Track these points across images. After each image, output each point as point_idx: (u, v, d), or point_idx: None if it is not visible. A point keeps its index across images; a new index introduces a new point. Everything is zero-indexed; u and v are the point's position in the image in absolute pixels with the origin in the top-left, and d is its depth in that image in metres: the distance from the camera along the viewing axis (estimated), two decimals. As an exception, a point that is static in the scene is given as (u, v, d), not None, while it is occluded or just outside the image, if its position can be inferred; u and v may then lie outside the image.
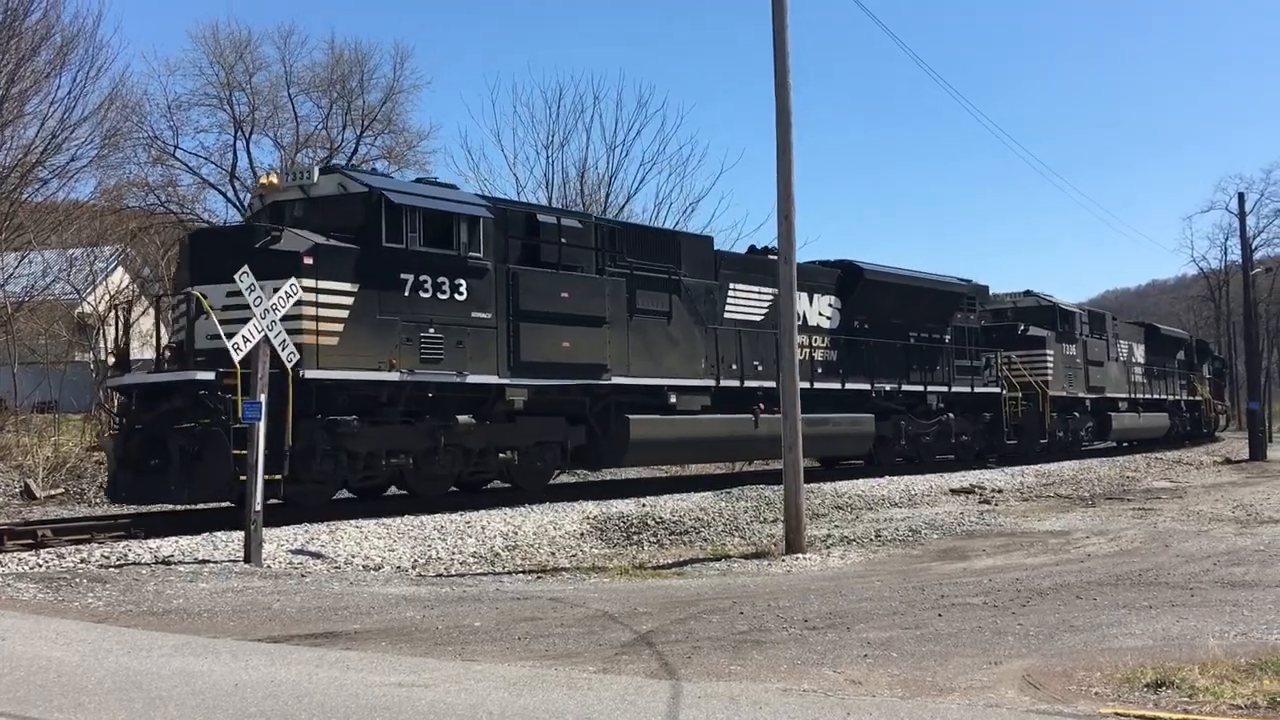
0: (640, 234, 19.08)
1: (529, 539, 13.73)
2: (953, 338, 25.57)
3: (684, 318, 18.51)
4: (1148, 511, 17.01)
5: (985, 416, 26.58)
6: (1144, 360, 38.13)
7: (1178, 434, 40.94)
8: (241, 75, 38.46)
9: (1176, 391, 41.35)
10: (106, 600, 8.93)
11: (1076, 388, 30.98)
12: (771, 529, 14.85)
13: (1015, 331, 29.24)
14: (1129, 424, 35.26)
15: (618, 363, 16.98)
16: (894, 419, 23.41)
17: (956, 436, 25.57)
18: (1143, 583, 9.67)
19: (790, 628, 7.74)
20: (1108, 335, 34.23)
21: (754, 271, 20.36)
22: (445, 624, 8.06)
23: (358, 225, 14.12)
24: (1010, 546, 13.15)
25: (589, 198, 34.87)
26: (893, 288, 23.70)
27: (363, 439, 13.94)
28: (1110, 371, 33.95)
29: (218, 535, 12.07)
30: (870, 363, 22.39)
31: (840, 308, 22.39)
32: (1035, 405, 28.14)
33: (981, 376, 26.41)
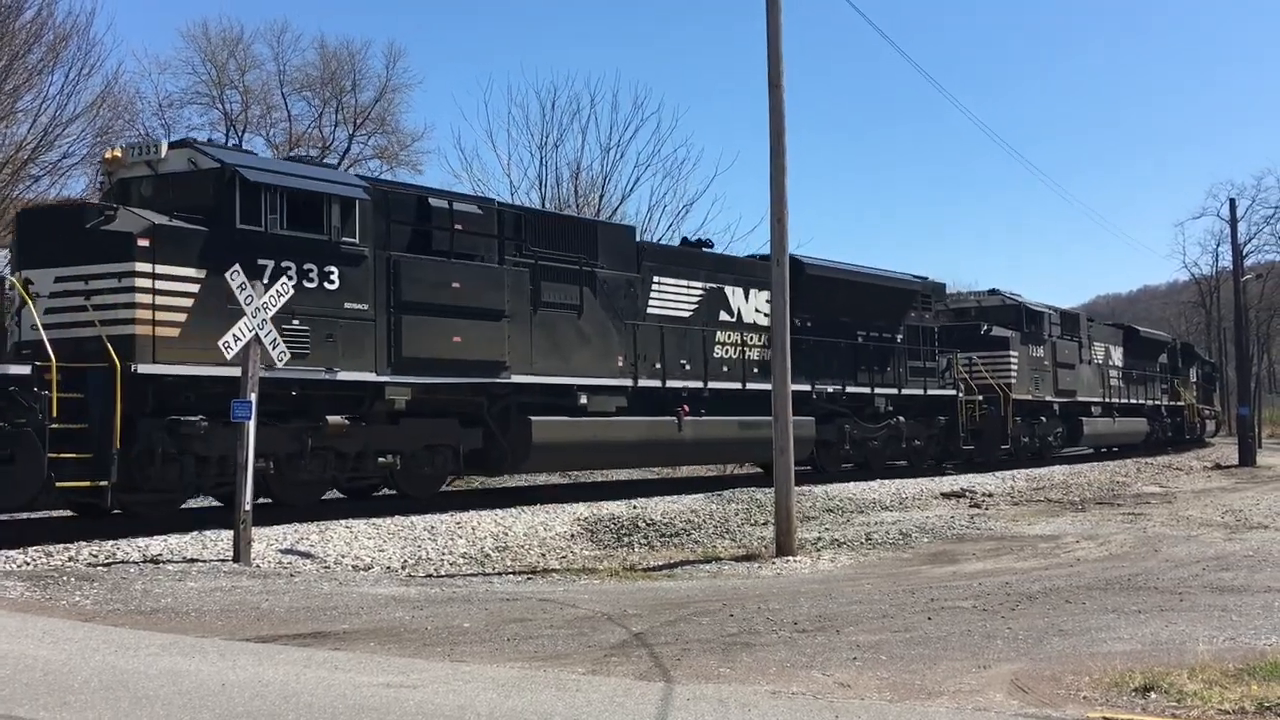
0: (549, 221, 17.74)
1: (519, 540, 13.72)
2: (905, 337, 24.36)
3: (598, 312, 17.25)
4: (1137, 516, 17.05)
5: (940, 421, 25.29)
6: (1122, 363, 36.99)
7: (1158, 440, 39.91)
8: (234, 73, 38.41)
9: (1157, 396, 40.25)
10: (94, 599, 8.89)
11: (1044, 391, 29.84)
12: (762, 531, 14.86)
13: (977, 332, 28.07)
14: (1102, 429, 34.28)
15: (519, 360, 15.69)
16: (838, 423, 22.23)
17: (908, 441, 24.29)
18: (1132, 587, 9.68)
19: (780, 630, 7.73)
20: (1081, 337, 33.12)
21: (682, 264, 19.33)
22: (434, 625, 8.04)
23: (209, 205, 12.87)
24: (1000, 550, 13.17)
25: (583, 199, 34.84)
26: (838, 284, 22.36)
27: (213, 441, 12.50)
28: (1083, 374, 32.76)
29: (207, 534, 12.03)
30: (812, 363, 20.84)
31: None
32: (998, 409, 27.05)
33: (937, 378, 25.32)
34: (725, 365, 19.47)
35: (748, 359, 19.86)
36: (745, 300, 20.20)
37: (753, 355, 19.94)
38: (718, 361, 19.37)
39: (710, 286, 19.54)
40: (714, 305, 19.58)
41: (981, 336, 27.89)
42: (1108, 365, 35.33)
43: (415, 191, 16.00)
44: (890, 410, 23.62)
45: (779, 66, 13.18)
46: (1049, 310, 31.33)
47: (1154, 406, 39.49)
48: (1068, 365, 31.34)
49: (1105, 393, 34.55)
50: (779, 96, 13.19)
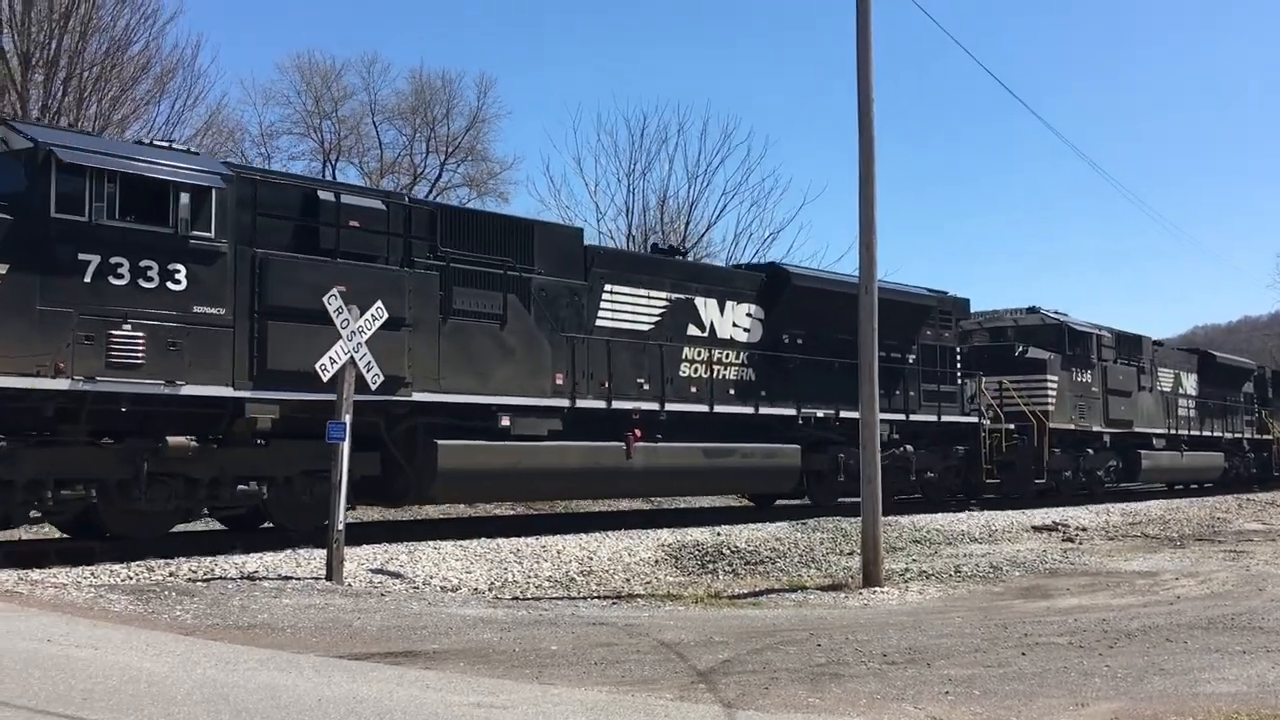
0: (471, 220, 15.49)
1: (604, 565, 13.76)
2: (920, 358, 21.97)
3: (526, 323, 15.27)
4: (1240, 554, 16.48)
5: (959, 451, 22.75)
6: (1196, 392, 34.01)
7: (1238, 476, 36.19)
8: (329, 104, 39.47)
9: (1239, 429, 36.69)
10: (194, 613, 9.15)
11: (1092, 420, 27.12)
12: (848, 561, 14.68)
13: (1011, 353, 25.59)
14: (1165, 463, 31.08)
15: (423, 375, 13.87)
16: (832, 451, 19.81)
17: (918, 473, 21.74)
18: (1235, 627, 9.36)
19: (869, 662, 7.64)
20: (1142, 362, 30.29)
21: (641, 272, 17.41)
22: (522, 646, 8.11)
23: (19, 190, 11.35)
24: (1095, 586, 12.84)
25: (668, 226, 35.07)
26: (832, 297, 19.77)
27: (19, 464, 11.13)
28: (1142, 403, 29.83)
29: (300, 552, 12.29)
30: (799, 384, 19.01)
31: (764, 319, 19.09)
32: (1032, 439, 24.44)
33: (958, 404, 22.78)
34: (693, 385, 17.62)
35: (721, 378, 17.99)
36: (720, 313, 18.33)
37: (728, 374, 18.15)
38: (684, 381, 17.50)
39: (677, 298, 17.68)
40: (681, 318, 17.72)
41: (1016, 359, 25.52)
42: (1177, 394, 32.65)
43: (297, 182, 14.55)
44: (896, 438, 21.07)
45: (869, 96, 13.12)
46: (1099, 331, 28.42)
47: (1234, 440, 36.18)
48: (1122, 392, 28.69)
49: (1172, 423, 31.64)
50: (869, 126, 13.13)
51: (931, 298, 22.91)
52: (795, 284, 19.50)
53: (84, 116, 25.19)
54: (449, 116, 40.37)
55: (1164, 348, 33.56)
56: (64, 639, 7.56)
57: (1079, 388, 26.64)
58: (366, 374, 11.66)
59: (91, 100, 25.49)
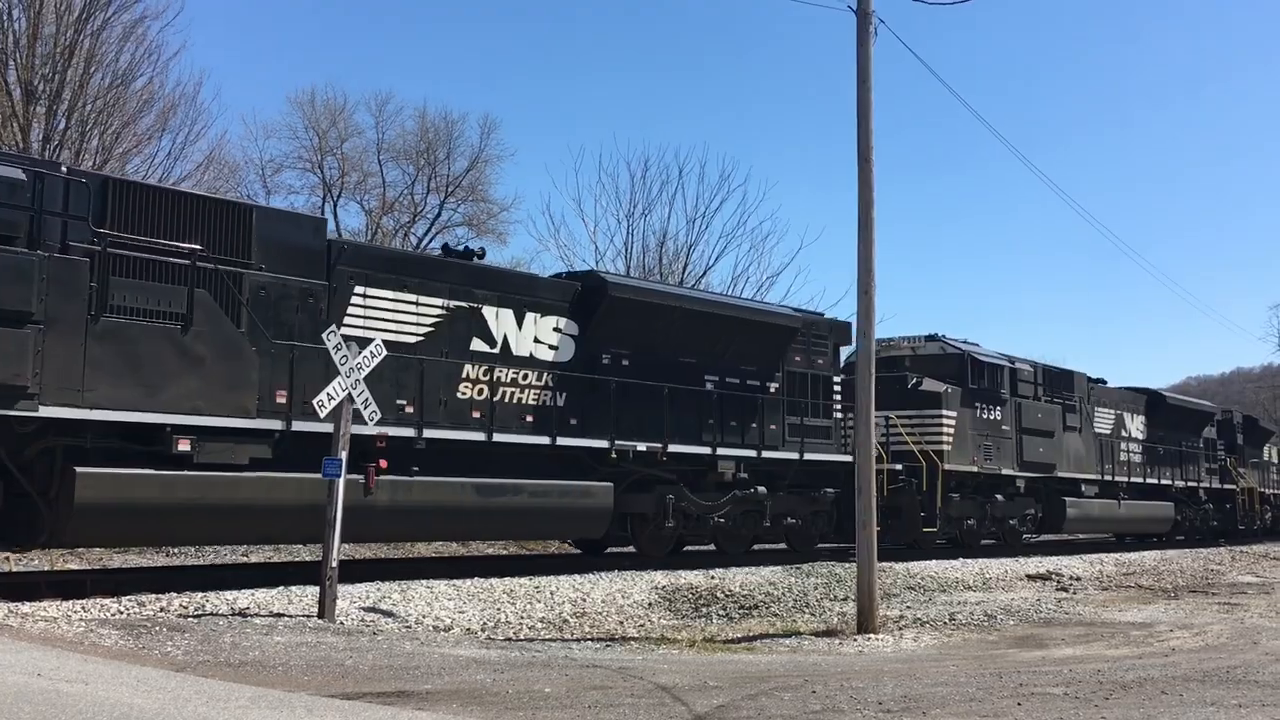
0: (152, 198, 12.48)
1: (597, 607, 13.70)
2: (786, 387, 19.47)
3: (223, 327, 12.55)
4: (1234, 606, 16.45)
5: (827, 494, 19.96)
6: (1143, 435, 31.41)
7: (1193, 529, 33.64)
8: (334, 140, 39.71)
9: (1197, 476, 33.90)
10: (185, 649, 9.09)
11: (1001, 462, 24.26)
12: (842, 607, 14.63)
13: (903, 385, 22.82)
14: (1097, 513, 28.32)
15: (60, 385, 11.20)
16: (658, 491, 17.23)
17: (774, 518, 19.21)
18: (1231, 680, 9.33)
19: (864, 710, 7.60)
20: (1076, 400, 27.80)
21: (406, 274, 14.67)
22: (515, 688, 8.06)
23: None
24: (1090, 636, 12.80)
25: (667, 268, 35.23)
26: (661, 311, 17.44)
27: None
28: (1069, 445, 27.10)
29: (292, 589, 12.23)
30: (619, 412, 16.36)
31: (577, 335, 16.48)
32: (923, 482, 21.82)
33: (832, 440, 20.26)
34: (476, 409, 14.90)
35: (515, 402, 15.40)
36: (517, 326, 15.76)
37: (526, 398, 15.54)
38: (462, 404, 14.81)
39: (458, 305, 15.09)
40: (462, 330, 15.13)
41: (908, 392, 22.81)
42: (1118, 436, 30.12)
43: None
44: (743, 478, 18.44)
45: (869, 141, 13.28)
46: (1012, 364, 25.67)
47: (1188, 489, 33.29)
48: (1042, 432, 25.89)
49: (1111, 469, 28.86)
50: (868, 171, 13.27)
51: (798, 318, 20.38)
52: (614, 295, 16.82)
53: (85, 149, 25.36)
54: (450, 157, 40.62)
55: (1104, 386, 30.93)
56: (54, 673, 7.50)
57: (985, 426, 23.90)
58: (364, 411, 11.67)
59: (93, 134, 25.68)
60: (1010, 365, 25.45)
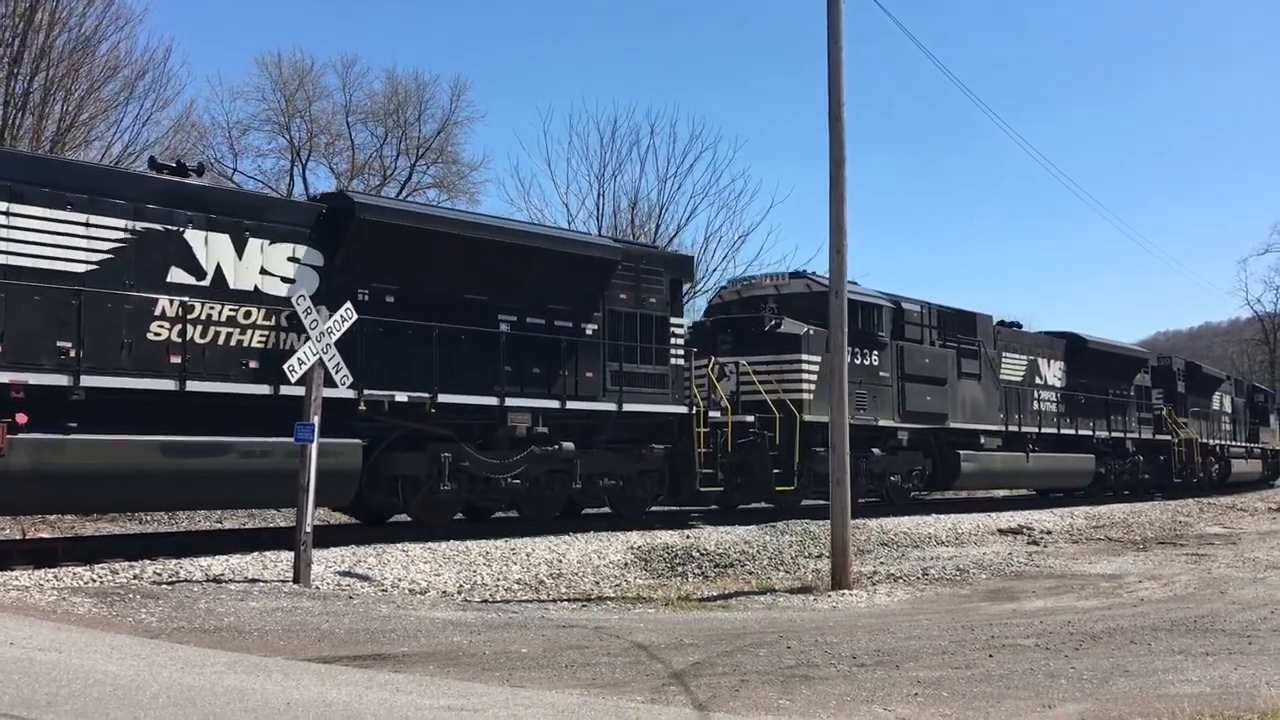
0: None
1: (573, 568, 13.75)
2: (607, 328, 16.91)
3: None
4: (1201, 557, 16.71)
5: (655, 450, 17.46)
6: (1062, 383, 29.03)
7: (1118, 483, 31.26)
8: (302, 103, 39.20)
9: (1127, 427, 31.47)
10: (159, 616, 9.05)
11: (879, 412, 21.60)
12: (816, 564, 14.76)
13: (759, 327, 20.27)
14: (998, 467, 25.67)
15: None
16: (433, 449, 14.65)
17: (586, 478, 16.54)
18: (1198, 629, 9.49)
19: (838, 664, 7.68)
20: (977, 344, 25.08)
21: (70, 189, 12.09)
22: (492, 649, 8.09)
23: None
24: (1060, 589, 12.97)
25: (639, 228, 35.13)
26: (439, 241, 14.75)
27: None
28: (966, 393, 24.39)
29: (267, 555, 12.21)
30: (377, 357, 13.81)
31: (321, 266, 13.88)
32: (789, 432, 19.35)
33: (668, 389, 17.62)
34: (174, 353, 12.48)
35: (236, 345, 12.96)
36: (237, 255, 13.16)
37: (250, 340, 13.08)
38: (154, 347, 12.38)
39: (148, 228, 12.56)
40: (156, 259, 12.62)
41: (766, 335, 20.19)
42: (1032, 384, 27.72)
43: None
44: (542, 433, 15.93)
45: (840, 99, 13.21)
46: (894, 304, 22.75)
47: (1114, 440, 30.89)
48: (931, 379, 23.17)
49: (1022, 419, 26.53)
50: (839, 129, 13.21)
51: (617, 249, 17.65)
52: (365, 218, 14.06)
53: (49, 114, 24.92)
54: (420, 119, 40.20)
55: (1016, 330, 28.49)
56: (27, 642, 7.46)
57: (859, 372, 20.83)
58: (335, 375, 11.60)
59: (57, 97, 25.21)
60: (891, 305, 22.63)
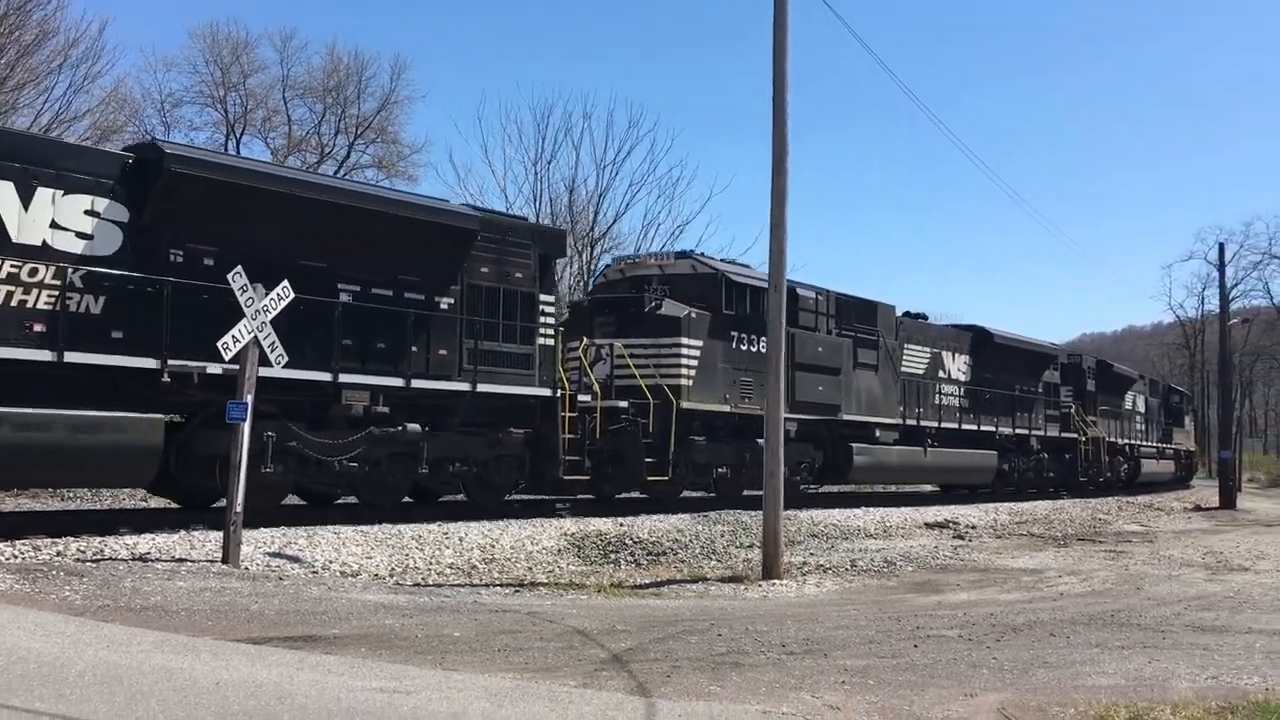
0: None
1: (506, 553, 13.75)
2: (465, 303, 15.76)
3: None
4: (1119, 554, 17.18)
5: (514, 434, 16.39)
6: (967, 377, 28.49)
7: (1022, 481, 30.64)
8: (237, 76, 38.49)
9: (1034, 424, 31.14)
10: (83, 594, 8.89)
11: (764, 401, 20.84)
12: (748, 554, 14.91)
13: (639, 308, 19.41)
14: (894, 461, 24.84)
15: None
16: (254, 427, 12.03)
17: (436, 463, 15.45)
18: (1115, 623, 9.78)
19: (768, 652, 7.79)
20: (877, 335, 24.47)
21: None
22: (425, 633, 8.08)
23: None
24: (984, 582, 13.26)
25: (578, 215, 35.10)
26: (267, 200, 13.50)
27: None
28: (860, 384, 23.59)
29: (195, 534, 12.04)
30: (178, 323, 12.50)
31: (127, 223, 12.69)
32: (666, 419, 18.43)
33: (533, 370, 16.53)
34: None
35: (17, 306, 11.80)
36: (21, 206, 12.00)
37: (34, 301, 11.94)
38: None
39: None
40: None
41: (645, 316, 19.32)
42: (935, 378, 27.11)
43: None
44: (382, 413, 14.58)
45: (784, 85, 13.28)
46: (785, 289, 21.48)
47: (1018, 437, 30.31)
48: (824, 369, 22.18)
49: (921, 412, 25.87)
50: (783, 116, 13.30)
51: (475, 218, 16.33)
52: (176, 171, 12.78)
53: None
54: (360, 97, 39.71)
55: (920, 322, 27.92)
56: (-54, 618, 7.31)
57: (745, 359, 20.21)
58: (270, 354, 11.46)
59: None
60: None
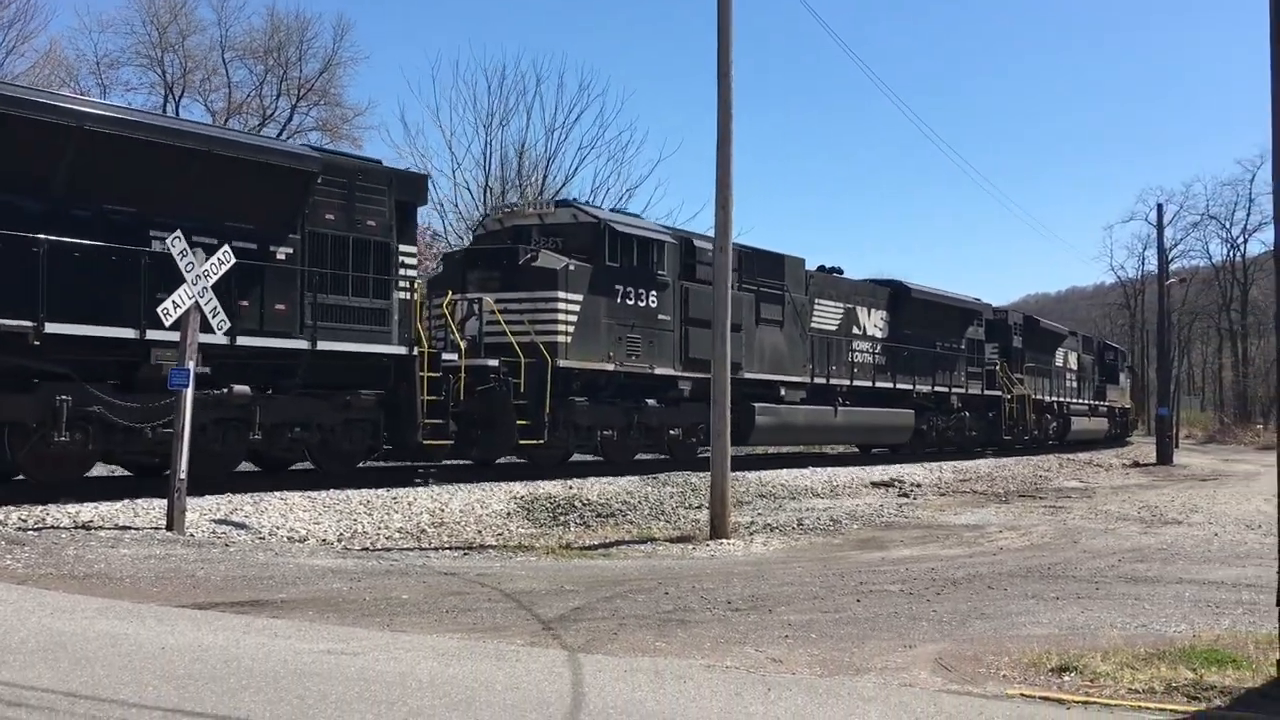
0: None
1: (455, 517, 13.78)
2: (306, 254, 14.35)
3: None
4: (1058, 509, 17.58)
5: (363, 396, 15.04)
6: (884, 333, 27.54)
7: (941, 438, 29.83)
8: (175, 36, 37.67)
9: (955, 382, 30.13)
10: (25, 562, 8.80)
11: (655, 359, 19.62)
12: (696, 515, 15.07)
13: (514, 261, 18.29)
14: (800, 421, 23.57)
15: None
16: (46, 390, 11.94)
17: (273, 428, 14.16)
18: (1051, 575, 10.04)
19: (714, 608, 7.92)
20: (783, 289, 23.30)
21: None
22: (372, 596, 8.11)
23: None
24: (927, 538, 13.53)
25: (526, 179, 34.89)
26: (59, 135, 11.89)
27: None
28: (763, 340, 22.40)
29: (138, 502, 11.93)
30: None
31: None
32: (541, 379, 17.33)
33: (390, 326, 15.31)
34: None
35: None
36: None
37: None
38: None
39: None
40: None
41: (520, 268, 18.21)
42: (848, 334, 26.07)
43: None
44: (204, 373, 12.57)
45: (728, 57, 13.32)
46: (679, 240, 20.70)
47: (937, 395, 29.33)
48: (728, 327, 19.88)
49: (833, 370, 24.91)
50: (727, 86, 13.33)
51: (315, 159, 14.78)
52: None
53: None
54: (302, 58, 39.06)
55: (833, 276, 26.73)
56: (-117, 589, 7.21)
57: (631, 314, 19.21)
58: (213, 320, 11.34)
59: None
60: (676, 242, 20.54)
